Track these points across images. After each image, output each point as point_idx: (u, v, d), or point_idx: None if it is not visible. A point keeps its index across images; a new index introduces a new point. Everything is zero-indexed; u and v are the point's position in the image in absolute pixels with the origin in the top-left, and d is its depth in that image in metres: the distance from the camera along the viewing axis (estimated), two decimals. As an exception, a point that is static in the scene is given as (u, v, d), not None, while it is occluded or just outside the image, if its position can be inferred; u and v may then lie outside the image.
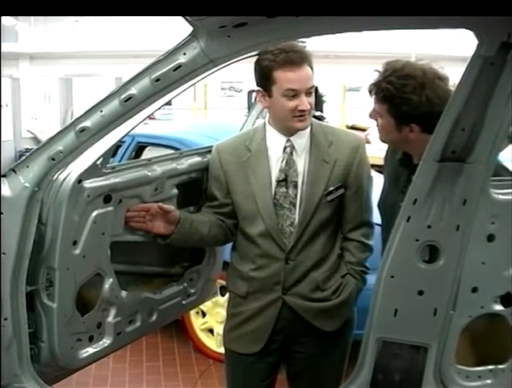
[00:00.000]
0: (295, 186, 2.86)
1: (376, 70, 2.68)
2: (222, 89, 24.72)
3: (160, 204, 2.88)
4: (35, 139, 16.77)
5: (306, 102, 2.76)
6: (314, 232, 2.87)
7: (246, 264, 2.95)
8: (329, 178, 2.85)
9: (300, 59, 2.73)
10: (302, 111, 2.77)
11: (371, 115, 2.76)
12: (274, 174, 2.87)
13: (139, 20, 20.57)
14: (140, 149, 5.83)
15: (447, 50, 18.73)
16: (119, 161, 5.38)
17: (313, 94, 2.81)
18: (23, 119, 17.44)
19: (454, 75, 2.56)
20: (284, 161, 2.87)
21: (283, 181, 2.86)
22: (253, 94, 3.04)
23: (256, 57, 2.81)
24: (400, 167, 2.82)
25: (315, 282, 2.91)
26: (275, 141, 2.89)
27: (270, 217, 2.85)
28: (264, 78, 2.79)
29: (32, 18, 22.01)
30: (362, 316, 2.81)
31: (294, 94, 2.74)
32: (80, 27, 22.88)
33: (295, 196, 2.86)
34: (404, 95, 2.57)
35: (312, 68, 2.78)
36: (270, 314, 2.93)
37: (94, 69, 21.02)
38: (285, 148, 2.87)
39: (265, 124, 2.95)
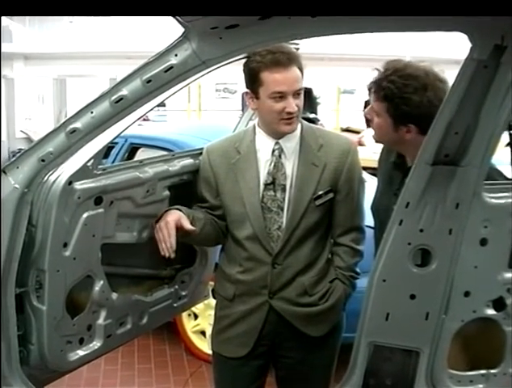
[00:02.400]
0: (284, 189, 2.83)
1: (376, 69, 2.66)
2: (216, 90, 24.75)
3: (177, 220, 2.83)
4: (29, 139, 16.74)
5: (293, 104, 2.73)
6: (302, 236, 2.84)
7: (234, 267, 2.94)
8: (319, 181, 2.82)
9: (286, 60, 2.69)
10: (289, 113, 2.73)
11: (366, 114, 2.74)
12: (263, 177, 2.84)
13: (133, 21, 20.57)
14: (133, 150, 5.81)
15: (441, 53, 18.76)
16: (112, 162, 5.37)
17: (302, 96, 2.78)
18: (17, 119, 17.42)
19: (447, 78, 2.55)
20: (272, 164, 2.84)
21: (271, 184, 2.83)
22: (246, 96, 3.01)
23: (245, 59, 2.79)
24: (394, 170, 2.80)
25: (302, 287, 2.88)
26: (264, 144, 2.87)
27: (258, 220, 2.83)
28: (252, 80, 2.77)
29: (27, 18, 21.99)
30: (352, 319, 2.81)
31: (281, 96, 2.71)
32: (74, 28, 22.87)
33: (283, 199, 2.83)
34: (405, 95, 2.55)
35: (301, 69, 2.75)
36: (257, 318, 2.91)
37: (88, 70, 20.98)
38: (273, 151, 2.84)
39: (254, 126, 2.93)
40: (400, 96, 2.56)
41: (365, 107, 2.78)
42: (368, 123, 2.79)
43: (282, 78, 2.70)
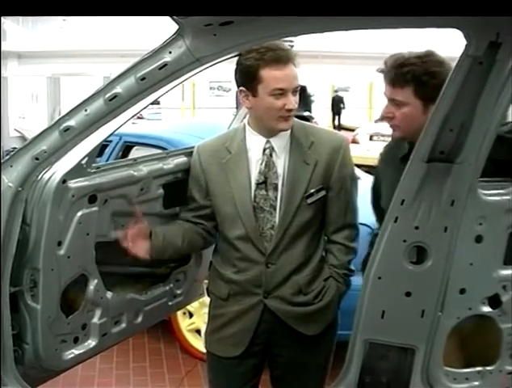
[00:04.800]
0: (276, 188, 2.80)
1: (379, 69, 2.63)
2: (211, 88, 24.80)
3: (134, 227, 2.84)
4: (23, 138, 16.74)
5: (293, 101, 2.71)
6: (295, 235, 2.82)
7: (227, 267, 2.91)
8: (310, 179, 2.79)
9: (286, 57, 2.68)
10: (289, 110, 2.71)
11: (386, 114, 2.67)
12: (254, 176, 2.82)
13: (127, 20, 20.57)
14: (127, 148, 5.79)
15: (435, 50, 18.80)
16: (106, 160, 5.34)
17: (298, 93, 2.78)
18: (11, 118, 17.42)
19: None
20: (264, 163, 2.81)
21: (263, 183, 2.80)
22: (241, 94, 3.00)
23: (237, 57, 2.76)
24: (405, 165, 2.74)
25: (297, 285, 2.86)
26: (255, 143, 2.84)
27: (250, 220, 2.80)
28: (249, 77, 2.72)
29: (20, 17, 21.94)
30: (346, 317, 2.80)
31: (281, 93, 2.69)
32: (68, 27, 22.86)
33: (276, 198, 2.80)
34: (430, 70, 2.51)
35: (296, 67, 2.74)
36: (251, 318, 2.88)
37: (82, 69, 20.98)
38: (264, 149, 2.82)
39: (245, 125, 2.90)
40: (426, 72, 2.52)
41: (332, 105, 2.75)
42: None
43: (283, 74, 2.68)
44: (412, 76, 2.55)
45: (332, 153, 2.82)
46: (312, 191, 2.80)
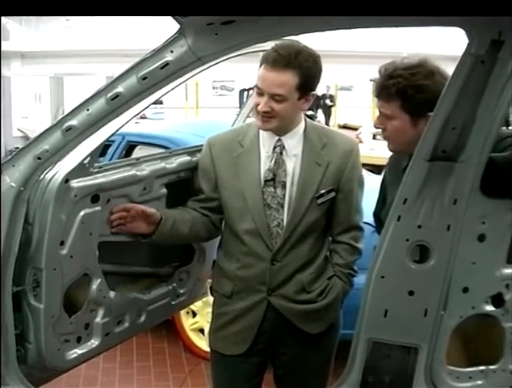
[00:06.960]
0: (284, 186, 2.81)
1: (372, 79, 2.62)
2: (214, 88, 24.80)
3: (142, 207, 2.85)
4: (26, 138, 16.76)
5: (263, 104, 2.70)
6: (302, 234, 2.83)
7: (231, 262, 2.92)
8: (321, 180, 2.81)
9: (276, 61, 2.66)
10: (259, 111, 2.73)
11: (377, 125, 2.67)
12: (263, 173, 2.83)
13: (130, 19, 20.56)
14: (130, 148, 5.80)
15: (438, 49, 18.78)
16: (109, 160, 5.34)
17: (284, 101, 2.70)
18: (14, 118, 17.44)
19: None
20: (273, 160, 2.82)
21: (271, 181, 2.81)
22: (245, 93, 3.01)
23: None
24: None
25: (300, 284, 2.87)
26: (267, 140, 2.85)
27: (260, 215, 2.81)
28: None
29: (24, 16, 21.94)
30: (349, 316, 2.80)
31: (259, 92, 2.72)
32: (71, 26, 22.86)
33: (284, 196, 2.82)
34: (416, 83, 2.49)
35: (305, 76, 2.69)
36: (255, 316, 2.89)
37: (86, 68, 20.98)
38: (275, 147, 2.83)
39: None
40: (412, 85, 2.50)
41: None
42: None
43: (263, 75, 2.70)
44: (396, 90, 2.53)
45: (344, 157, 2.84)
46: (322, 191, 2.82)
